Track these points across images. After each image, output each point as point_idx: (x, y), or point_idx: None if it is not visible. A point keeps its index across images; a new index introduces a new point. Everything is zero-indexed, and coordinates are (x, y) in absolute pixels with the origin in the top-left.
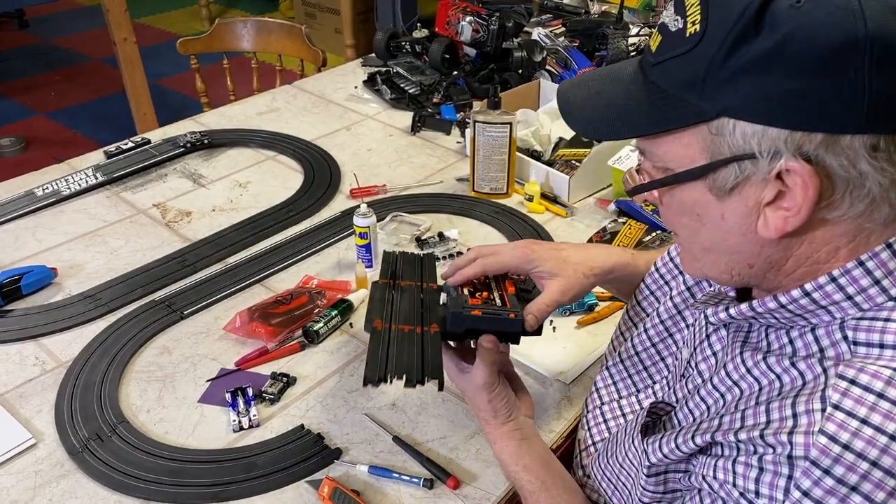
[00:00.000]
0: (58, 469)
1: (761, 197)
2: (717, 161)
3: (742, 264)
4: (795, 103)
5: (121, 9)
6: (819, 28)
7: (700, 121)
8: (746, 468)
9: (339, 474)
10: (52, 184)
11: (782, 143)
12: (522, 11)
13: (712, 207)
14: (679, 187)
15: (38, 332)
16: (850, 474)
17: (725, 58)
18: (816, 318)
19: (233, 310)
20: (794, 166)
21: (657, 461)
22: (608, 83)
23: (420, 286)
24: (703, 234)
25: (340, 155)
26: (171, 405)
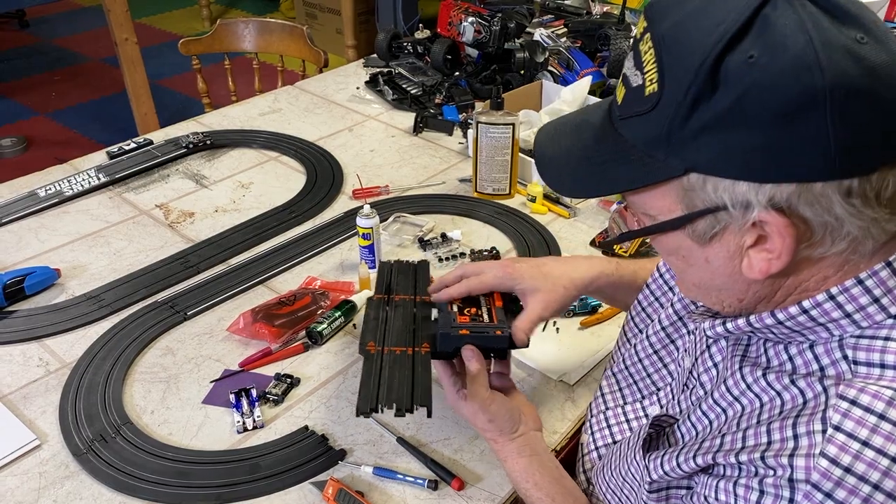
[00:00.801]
0: (62, 470)
1: (742, 242)
2: (693, 213)
3: (732, 299)
4: (760, 157)
5: (122, 9)
6: (776, 82)
7: (669, 177)
8: (747, 490)
9: (343, 475)
10: (55, 184)
11: (753, 196)
12: (524, 12)
13: (696, 251)
14: (664, 235)
15: (42, 332)
16: (851, 498)
17: (686, 118)
18: (815, 335)
19: (236, 311)
20: (766, 218)
21: (658, 478)
22: (580, 134)
23: (414, 300)
24: (691, 273)
25: (343, 156)
26: (175, 406)
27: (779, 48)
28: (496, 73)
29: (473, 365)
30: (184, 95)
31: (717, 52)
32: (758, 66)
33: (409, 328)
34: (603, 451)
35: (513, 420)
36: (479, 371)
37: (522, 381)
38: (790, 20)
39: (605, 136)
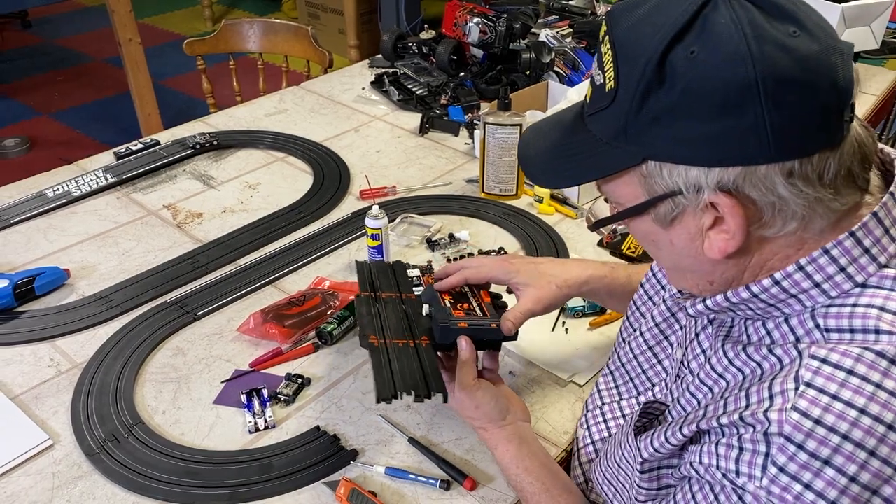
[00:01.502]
0: (75, 470)
1: (701, 223)
2: (654, 198)
3: (702, 282)
4: (707, 144)
5: (126, 9)
6: (714, 75)
7: (630, 165)
8: (728, 449)
9: (355, 475)
10: (63, 185)
11: (703, 180)
12: (529, 13)
13: (662, 235)
14: (632, 221)
15: (53, 333)
16: (822, 448)
17: (638, 110)
18: (789, 308)
19: (245, 311)
20: (717, 199)
21: (649, 456)
22: (556, 132)
23: (400, 297)
24: (662, 256)
25: (349, 156)
26: (187, 406)
27: (716, 43)
28: (501, 73)
29: (465, 353)
30: (187, 95)
31: (661, 49)
32: (698, 60)
33: (404, 323)
34: (599, 444)
35: (499, 408)
36: (468, 359)
37: (532, 381)
38: (726, 18)
39: (576, 132)
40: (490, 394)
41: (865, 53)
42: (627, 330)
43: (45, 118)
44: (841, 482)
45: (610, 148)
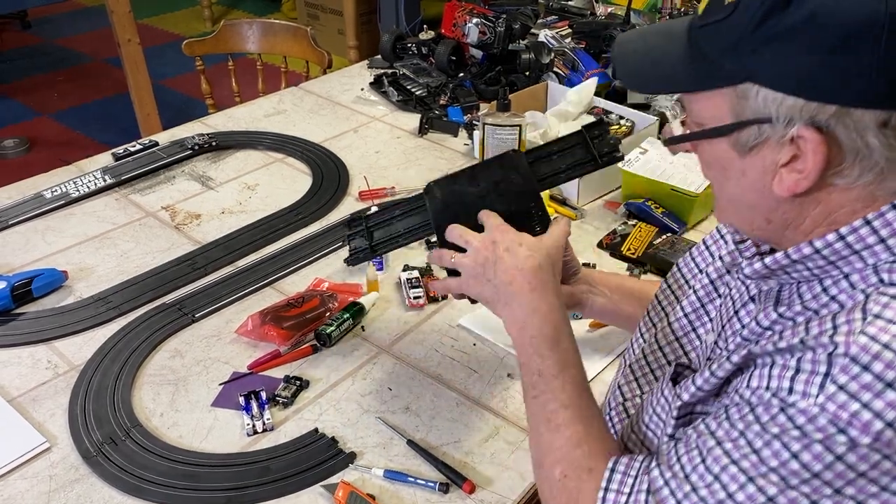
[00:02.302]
0: (72, 473)
1: (777, 158)
2: (740, 122)
3: (760, 219)
4: (814, 76)
5: (125, 10)
6: (843, 6)
7: (728, 84)
8: (783, 370)
9: (353, 478)
10: (61, 186)
11: (797, 111)
12: (529, 13)
13: (735, 163)
14: (708, 142)
15: (50, 335)
16: (887, 371)
17: (755, 28)
18: (849, 266)
19: (244, 312)
20: (805, 134)
21: (690, 397)
22: (660, 39)
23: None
24: (727, 187)
25: (348, 157)
26: (185, 409)
27: None
28: (501, 74)
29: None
30: (186, 96)
31: None
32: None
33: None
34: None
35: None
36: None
37: None
38: None
39: (681, 41)
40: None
41: None
42: (647, 325)
43: (44, 118)
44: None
45: (712, 62)
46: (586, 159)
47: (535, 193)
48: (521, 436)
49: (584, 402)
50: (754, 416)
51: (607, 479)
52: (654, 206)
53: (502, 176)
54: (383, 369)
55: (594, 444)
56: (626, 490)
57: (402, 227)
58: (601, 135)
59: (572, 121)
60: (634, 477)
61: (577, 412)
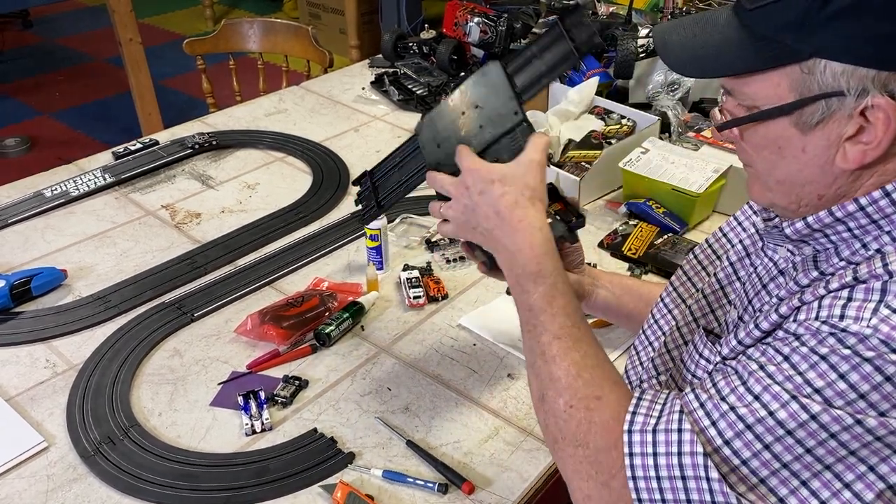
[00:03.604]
0: (70, 472)
1: (843, 132)
2: (807, 98)
3: (812, 195)
4: (885, 45)
5: (126, 9)
6: None
7: (794, 61)
8: (834, 299)
9: (352, 479)
10: (61, 185)
11: (870, 81)
12: (530, 12)
13: (795, 141)
14: (764, 123)
15: (49, 334)
16: None
17: (824, 4)
18: (891, 225)
19: (243, 312)
20: (881, 102)
21: (729, 352)
22: (704, 27)
23: None
24: (781, 166)
25: (349, 156)
26: (183, 408)
27: None
28: None
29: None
30: (188, 96)
31: None
32: None
33: None
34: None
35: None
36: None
37: None
38: None
39: (730, 27)
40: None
41: None
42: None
43: (45, 118)
44: None
45: (773, 42)
46: (567, 54)
47: (515, 112)
48: (521, 436)
49: (579, 331)
50: (801, 342)
51: (635, 405)
52: (655, 206)
53: (482, 96)
54: (383, 369)
55: (594, 371)
56: (655, 413)
57: (402, 176)
58: (578, 22)
59: (573, 120)
60: (663, 403)
61: (571, 342)
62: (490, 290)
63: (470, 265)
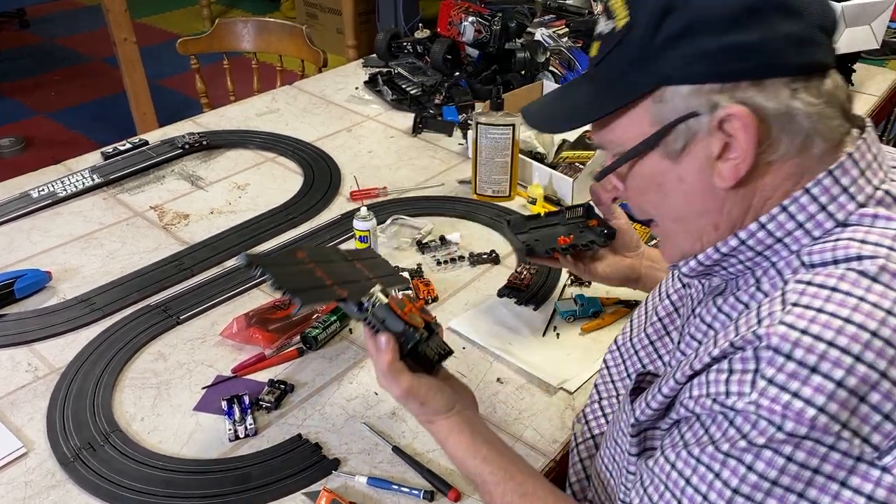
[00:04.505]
0: (48, 479)
1: (710, 152)
2: (665, 126)
3: (708, 226)
4: (719, 60)
5: (121, 9)
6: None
7: (642, 94)
8: (718, 374)
9: (336, 486)
10: (49, 185)
11: (717, 95)
12: (525, 12)
13: (670, 172)
14: (638, 163)
15: (32, 337)
16: (808, 356)
17: (654, 34)
18: (776, 256)
19: (230, 315)
20: (733, 110)
21: (643, 416)
22: (563, 93)
23: (369, 276)
24: (669, 204)
25: (341, 157)
26: (166, 413)
27: None
28: (497, 73)
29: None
30: (184, 95)
31: None
32: None
33: (347, 279)
34: (599, 439)
35: (447, 399)
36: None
37: (521, 387)
38: None
39: (583, 83)
40: (434, 386)
41: (866, 53)
42: (630, 325)
43: (41, 118)
44: (828, 388)
45: (621, 82)
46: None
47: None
48: (510, 442)
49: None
50: (707, 435)
51: None
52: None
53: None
54: (370, 373)
55: None
56: None
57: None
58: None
59: None
60: None
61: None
62: (481, 292)
63: (461, 267)
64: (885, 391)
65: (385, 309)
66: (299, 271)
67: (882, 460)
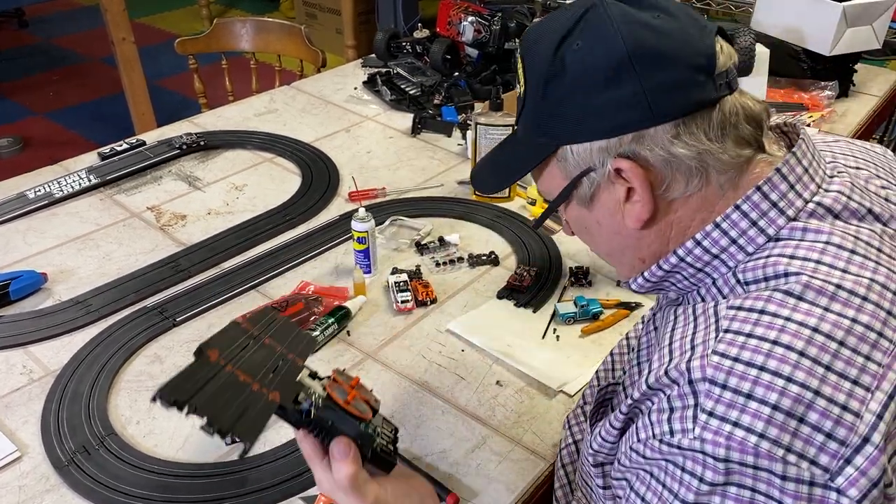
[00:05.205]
0: (43, 483)
1: (617, 197)
2: (573, 180)
3: (634, 259)
4: (599, 117)
5: (119, 8)
6: (594, 57)
7: (546, 155)
8: (660, 414)
9: None
10: (45, 186)
11: (605, 151)
12: (525, 11)
13: (588, 217)
14: (567, 210)
15: (26, 339)
16: (742, 382)
17: (543, 99)
18: (716, 272)
19: (227, 316)
20: (619, 164)
21: (598, 447)
22: (497, 151)
23: (285, 354)
24: (597, 242)
25: (339, 157)
26: (161, 417)
27: (593, 34)
28: (496, 73)
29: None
30: (182, 96)
31: (553, 47)
32: (582, 49)
33: (267, 370)
34: (581, 444)
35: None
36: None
37: (520, 390)
38: (601, 14)
39: (510, 143)
40: (401, 492)
41: (867, 54)
42: (628, 334)
43: (39, 118)
44: (765, 412)
45: (529, 145)
46: None
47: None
48: (509, 446)
49: None
50: (666, 489)
51: None
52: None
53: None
54: (368, 376)
55: None
56: None
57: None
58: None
59: None
60: None
61: None
62: (480, 294)
63: (460, 268)
64: (821, 409)
65: (331, 407)
66: (223, 384)
67: (835, 482)
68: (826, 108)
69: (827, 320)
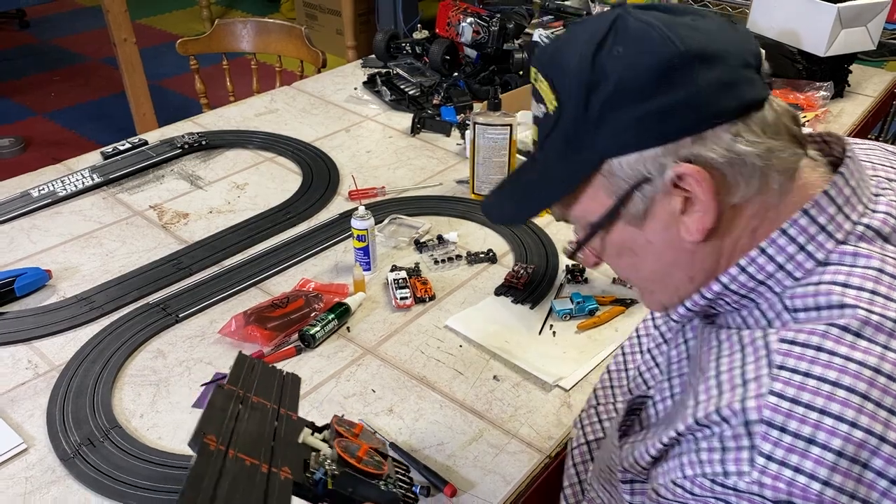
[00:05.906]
0: (49, 475)
1: (674, 209)
2: (622, 196)
3: (683, 279)
4: (653, 124)
5: (121, 9)
6: (640, 62)
7: (590, 171)
8: (710, 452)
9: None
10: (49, 185)
11: (662, 157)
12: (523, 13)
13: (638, 237)
14: (606, 234)
15: (32, 335)
16: (803, 426)
17: (584, 113)
18: (762, 298)
19: (228, 313)
20: (681, 170)
21: (629, 466)
22: (514, 179)
23: (277, 410)
24: (644, 265)
25: (339, 156)
26: (165, 410)
27: (634, 39)
28: (495, 73)
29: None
30: (183, 96)
31: (590, 56)
32: (623, 55)
33: (267, 441)
34: (594, 445)
35: None
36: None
37: (517, 385)
38: (637, 21)
39: (525, 169)
40: None
41: (863, 55)
42: (638, 332)
43: (40, 118)
44: (828, 459)
45: (564, 164)
46: None
47: None
48: (506, 439)
49: None
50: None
51: None
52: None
53: None
54: (368, 371)
55: None
56: None
57: None
58: None
59: None
60: None
61: None
62: (478, 291)
63: (458, 266)
64: (886, 455)
65: (347, 472)
66: (234, 479)
67: None
68: (821, 108)
69: (888, 360)
